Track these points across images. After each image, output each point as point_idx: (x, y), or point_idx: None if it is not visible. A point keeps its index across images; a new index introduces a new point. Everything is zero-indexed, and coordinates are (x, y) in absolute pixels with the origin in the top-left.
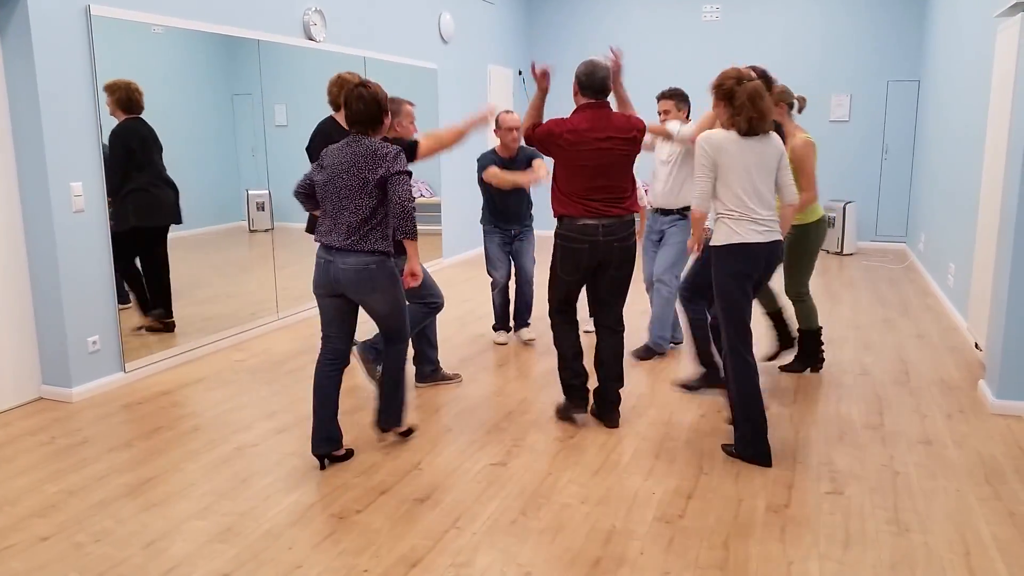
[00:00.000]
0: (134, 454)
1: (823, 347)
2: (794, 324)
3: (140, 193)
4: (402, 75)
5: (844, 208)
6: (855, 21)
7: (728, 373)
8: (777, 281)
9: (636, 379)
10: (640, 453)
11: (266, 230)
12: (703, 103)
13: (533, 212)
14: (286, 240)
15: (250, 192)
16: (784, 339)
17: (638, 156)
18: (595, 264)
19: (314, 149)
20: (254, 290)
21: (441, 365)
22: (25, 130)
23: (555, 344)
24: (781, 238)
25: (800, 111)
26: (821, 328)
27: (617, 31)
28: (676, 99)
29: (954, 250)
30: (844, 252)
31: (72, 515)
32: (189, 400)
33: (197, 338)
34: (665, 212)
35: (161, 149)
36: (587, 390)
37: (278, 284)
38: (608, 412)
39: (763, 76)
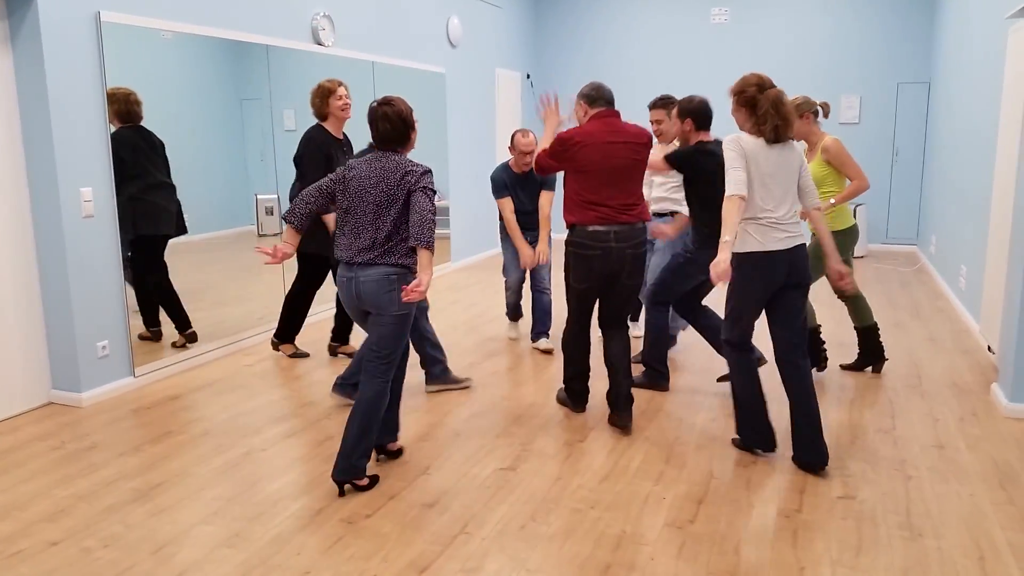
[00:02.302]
0: (143, 459)
1: (824, 346)
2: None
3: (134, 202)
4: (410, 79)
5: (854, 210)
6: (865, 23)
7: (732, 368)
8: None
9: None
10: (650, 458)
11: (275, 234)
12: (717, 106)
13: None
14: None
15: (259, 196)
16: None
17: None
18: (607, 272)
19: (308, 158)
20: (263, 294)
21: (450, 368)
22: (35, 136)
23: (564, 347)
24: (805, 243)
25: (826, 116)
26: (819, 327)
27: (625, 34)
28: (668, 108)
29: (966, 252)
30: (854, 255)
31: (81, 520)
32: (198, 405)
33: (206, 343)
34: (658, 215)
35: (161, 159)
36: (588, 390)
37: (287, 288)
38: (623, 411)
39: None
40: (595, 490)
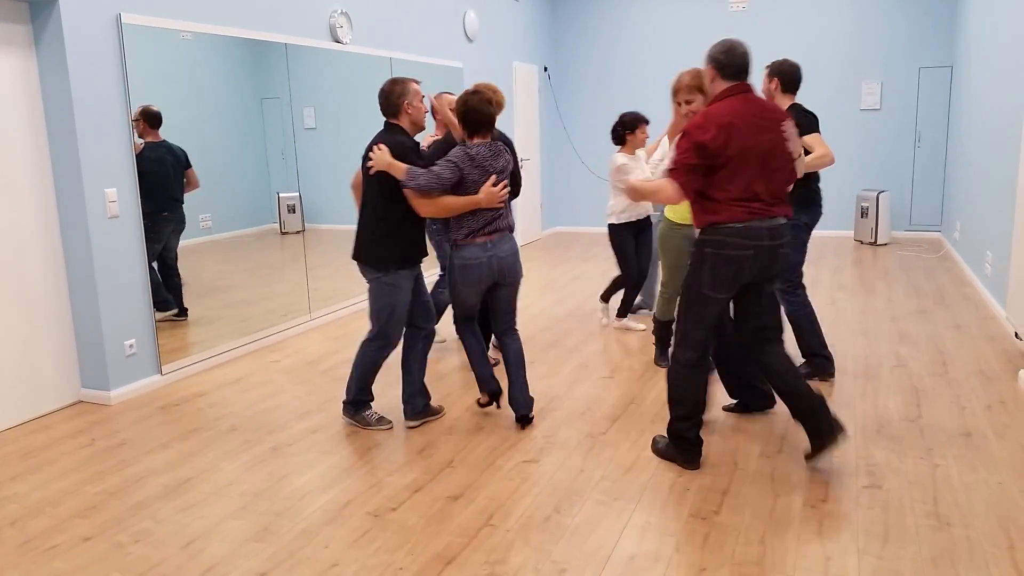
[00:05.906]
0: (171, 455)
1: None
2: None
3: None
4: (428, 74)
5: (877, 197)
6: (885, 7)
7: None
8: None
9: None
10: None
11: (297, 232)
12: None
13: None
14: (317, 241)
15: (281, 195)
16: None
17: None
18: (756, 275)
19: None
20: (286, 291)
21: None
22: (60, 137)
23: (679, 394)
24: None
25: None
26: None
27: (643, 24)
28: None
29: (991, 238)
30: (878, 242)
31: (112, 516)
32: (225, 401)
33: (232, 340)
34: None
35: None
36: (701, 440)
37: (310, 285)
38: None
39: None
40: (619, 482)
